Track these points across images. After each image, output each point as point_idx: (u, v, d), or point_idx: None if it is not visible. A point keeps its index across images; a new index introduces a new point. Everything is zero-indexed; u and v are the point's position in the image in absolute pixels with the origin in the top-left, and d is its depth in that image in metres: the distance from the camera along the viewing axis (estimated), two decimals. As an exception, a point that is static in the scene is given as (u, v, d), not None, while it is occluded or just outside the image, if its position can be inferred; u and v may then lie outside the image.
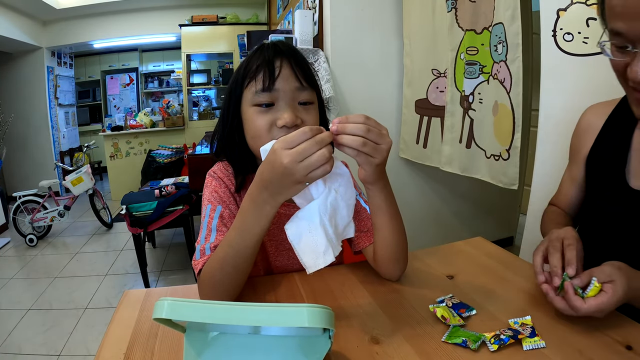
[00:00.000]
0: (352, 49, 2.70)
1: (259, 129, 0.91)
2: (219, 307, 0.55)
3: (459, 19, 2.10)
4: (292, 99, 0.91)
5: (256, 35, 3.08)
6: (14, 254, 4.23)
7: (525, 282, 0.98)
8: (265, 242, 1.08)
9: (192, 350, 0.62)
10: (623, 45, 0.79)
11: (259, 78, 0.89)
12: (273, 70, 0.89)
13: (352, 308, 0.89)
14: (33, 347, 2.56)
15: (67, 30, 6.39)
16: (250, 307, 0.55)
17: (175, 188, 3.32)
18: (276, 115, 0.90)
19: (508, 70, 1.79)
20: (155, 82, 8.48)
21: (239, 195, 1.02)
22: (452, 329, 0.77)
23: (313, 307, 0.55)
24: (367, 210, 1.05)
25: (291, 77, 0.90)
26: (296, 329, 0.63)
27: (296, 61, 0.92)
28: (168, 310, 0.55)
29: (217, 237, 0.92)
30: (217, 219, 0.96)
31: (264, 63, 0.90)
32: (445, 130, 2.31)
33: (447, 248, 1.19)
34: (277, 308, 0.55)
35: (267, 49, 0.92)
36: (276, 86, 0.89)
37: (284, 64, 0.90)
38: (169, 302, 0.55)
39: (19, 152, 6.26)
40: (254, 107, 0.91)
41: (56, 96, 6.73)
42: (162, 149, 5.72)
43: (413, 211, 2.96)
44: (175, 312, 0.55)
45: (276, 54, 0.91)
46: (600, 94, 1.11)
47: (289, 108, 0.89)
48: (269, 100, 0.90)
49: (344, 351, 0.74)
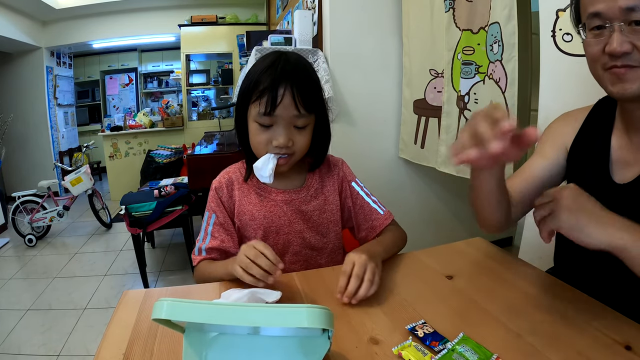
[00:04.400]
0: (351, 49, 2.70)
1: (258, 143, 1.08)
2: (218, 307, 0.55)
3: (456, 18, 2.10)
4: (289, 123, 1.06)
5: (255, 36, 3.08)
6: (13, 254, 4.23)
7: (524, 282, 0.98)
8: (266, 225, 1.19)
9: (192, 351, 0.63)
10: (600, 25, 0.87)
11: (262, 101, 1.02)
12: (276, 97, 1.01)
13: (351, 308, 0.89)
14: (32, 347, 2.56)
15: (67, 31, 6.38)
16: (250, 308, 0.55)
17: (174, 188, 3.32)
18: (273, 135, 1.06)
19: (504, 70, 1.79)
20: (155, 82, 8.48)
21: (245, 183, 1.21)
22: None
23: (312, 307, 0.56)
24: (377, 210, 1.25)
25: (291, 105, 1.03)
26: (295, 329, 0.63)
27: (299, 87, 1.03)
28: (167, 311, 0.55)
29: (211, 241, 1.16)
30: (212, 226, 1.18)
31: (269, 87, 1.02)
32: (442, 130, 2.31)
33: (446, 248, 1.20)
34: (276, 309, 0.55)
35: (276, 70, 1.03)
36: (276, 112, 1.03)
37: (286, 92, 1.02)
38: (168, 302, 0.56)
39: (18, 152, 6.25)
40: (256, 123, 1.07)
41: (55, 96, 6.71)
42: (161, 149, 5.71)
43: (412, 211, 2.96)
44: (175, 313, 0.56)
45: (282, 79, 1.02)
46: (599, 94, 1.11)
47: (284, 132, 1.05)
48: (269, 122, 1.05)
49: (343, 351, 0.74)
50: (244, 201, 1.19)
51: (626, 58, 0.85)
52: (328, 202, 1.23)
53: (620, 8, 0.83)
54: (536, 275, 1.03)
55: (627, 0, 0.81)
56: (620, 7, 0.82)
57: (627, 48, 0.84)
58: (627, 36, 0.84)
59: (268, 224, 1.17)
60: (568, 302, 0.88)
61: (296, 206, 1.19)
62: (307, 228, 1.20)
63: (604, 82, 0.93)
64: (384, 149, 2.89)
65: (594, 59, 0.93)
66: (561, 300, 0.89)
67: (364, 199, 1.24)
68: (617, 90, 0.89)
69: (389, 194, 2.86)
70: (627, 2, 0.81)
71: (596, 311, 0.84)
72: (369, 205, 1.24)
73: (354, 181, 1.27)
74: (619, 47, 0.84)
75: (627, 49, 0.84)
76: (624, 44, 0.83)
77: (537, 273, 1.04)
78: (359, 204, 1.25)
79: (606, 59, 0.88)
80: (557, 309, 0.85)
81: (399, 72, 2.78)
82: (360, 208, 1.24)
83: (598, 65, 0.92)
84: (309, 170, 1.24)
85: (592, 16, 0.88)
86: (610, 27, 0.86)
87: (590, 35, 0.91)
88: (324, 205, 1.22)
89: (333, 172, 1.26)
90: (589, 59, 0.95)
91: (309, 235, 1.20)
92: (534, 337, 0.76)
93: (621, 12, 0.83)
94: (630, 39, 0.84)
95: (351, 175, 1.29)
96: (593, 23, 0.89)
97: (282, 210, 1.18)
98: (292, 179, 1.22)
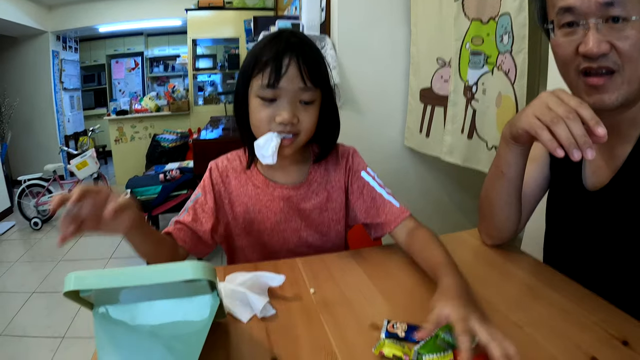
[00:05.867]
0: (359, 36, 2.68)
1: (260, 120, 0.97)
2: (116, 272, 0.58)
3: (465, 8, 2.09)
4: (294, 97, 0.96)
5: (263, 21, 3.07)
6: (19, 237, 4.29)
7: (524, 273, 0.99)
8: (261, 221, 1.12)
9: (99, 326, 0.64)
10: (572, 22, 0.78)
11: (265, 73, 0.93)
12: (280, 67, 0.93)
13: (353, 294, 0.90)
14: (37, 329, 2.60)
15: (73, 15, 6.41)
16: (142, 268, 0.58)
17: (179, 172, 3.34)
18: (277, 111, 0.95)
19: (513, 61, 1.78)
20: (161, 66, 8.49)
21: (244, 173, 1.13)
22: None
23: (196, 262, 0.59)
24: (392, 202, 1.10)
25: (296, 77, 0.94)
26: (187, 292, 0.67)
27: (305, 59, 0.95)
28: (75, 282, 0.58)
29: (185, 217, 1.07)
30: (192, 202, 1.11)
31: (273, 58, 0.93)
32: (448, 120, 2.30)
33: (448, 238, 1.17)
34: (164, 265, 0.59)
35: (280, 41, 0.95)
36: (280, 84, 0.93)
37: (292, 62, 0.93)
38: (75, 274, 0.58)
39: (24, 136, 6.31)
40: (258, 98, 0.97)
41: (61, 80, 6.76)
42: (167, 133, 5.73)
43: (416, 200, 2.95)
44: (81, 283, 0.58)
45: (286, 50, 0.94)
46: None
47: (289, 107, 0.95)
48: (272, 96, 0.95)
49: (344, 337, 0.75)
50: (239, 192, 1.12)
51: (603, 60, 0.76)
52: (331, 199, 1.14)
53: (596, 2, 0.73)
54: (536, 266, 1.03)
55: None
56: (597, 1, 0.73)
57: (605, 49, 0.74)
58: (604, 35, 0.74)
59: (262, 219, 1.11)
60: (567, 295, 0.88)
61: (294, 203, 1.11)
62: (305, 226, 1.13)
63: (579, 92, 0.83)
64: (390, 137, 2.88)
65: (565, 62, 0.83)
66: (560, 292, 0.89)
67: (376, 190, 1.11)
68: (595, 102, 0.79)
69: (394, 183, 2.84)
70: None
71: (594, 305, 0.84)
72: (381, 197, 1.10)
73: (364, 170, 1.15)
74: (595, 47, 0.74)
75: (604, 50, 0.74)
76: (602, 44, 0.74)
77: (537, 264, 1.05)
78: (370, 195, 1.12)
79: (580, 60, 0.79)
80: (557, 302, 0.86)
81: (406, 60, 2.76)
82: (372, 200, 1.11)
83: (571, 69, 0.82)
84: (315, 162, 1.14)
85: (564, 11, 0.79)
86: (585, 24, 0.76)
87: (561, 33, 0.81)
88: (326, 203, 1.13)
89: (340, 165, 1.15)
90: (560, 62, 0.85)
91: (306, 234, 1.14)
92: (533, 329, 0.77)
93: (598, 6, 0.73)
94: (608, 38, 0.74)
95: (362, 165, 1.16)
96: (564, 19, 0.79)
97: (278, 207, 1.10)
98: (293, 172, 1.12)
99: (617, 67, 0.76)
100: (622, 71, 0.76)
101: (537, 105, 0.75)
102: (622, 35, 0.73)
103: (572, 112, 0.69)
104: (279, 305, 0.85)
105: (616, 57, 0.75)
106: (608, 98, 0.78)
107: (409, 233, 1.04)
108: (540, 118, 0.72)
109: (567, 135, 0.68)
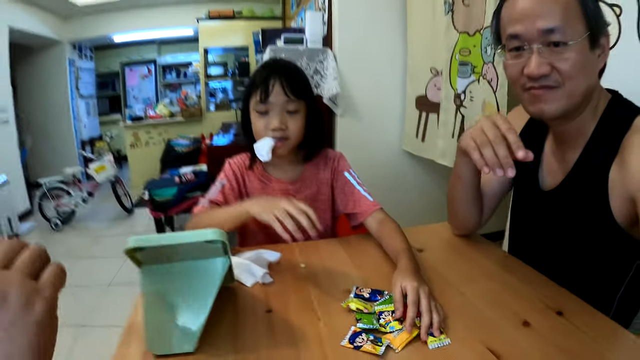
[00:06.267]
0: (359, 48, 2.85)
1: (258, 129, 1.26)
2: (161, 236, 0.79)
3: (455, 21, 2.25)
4: (281, 108, 1.24)
5: (270, 34, 3.24)
6: (40, 237, 4.43)
7: (484, 258, 1.14)
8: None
9: (145, 277, 0.84)
10: (519, 47, 0.89)
11: (258, 92, 1.22)
12: (267, 87, 1.21)
13: (334, 268, 1.11)
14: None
15: (88, 25, 6.59)
16: (177, 234, 0.79)
17: (194, 175, 3.52)
18: (269, 120, 1.24)
19: (495, 71, 1.94)
20: (173, 73, 8.57)
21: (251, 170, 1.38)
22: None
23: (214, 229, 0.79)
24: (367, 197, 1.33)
25: (280, 92, 1.22)
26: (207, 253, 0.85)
27: (287, 78, 1.23)
28: (134, 242, 0.78)
29: (218, 197, 1.30)
30: (219, 186, 1.33)
31: (261, 81, 1.22)
32: (440, 125, 2.47)
33: (425, 228, 1.39)
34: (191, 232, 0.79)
35: (268, 68, 1.26)
36: (269, 99, 1.22)
37: (276, 82, 1.22)
38: (134, 237, 0.78)
39: (42, 141, 6.47)
40: (255, 112, 1.26)
41: (77, 87, 6.93)
42: (181, 138, 5.88)
43: (414, 200, 3.14)
44: (138, 242, 0.78)
45: (272, 73, 1.23)
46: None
47: (278, 116, 1.23)
48: (264, 109, 1.24)
49: (322, 297, 0.96)
50: (250, 186, 1.37)
51: (544, 79, 0.87)
52: (320, 192, 1.39)
53: (538, 30, 0.84)
54: (496, 253, 1.19)
55: (545, 22, 0.83)
56: (539, 29, 0.84)
57: (545, 70, 0.85)
58: (545, 57, 0.85)
59: None
60: (517, 275, 1.02)
61: (291, 195, 1.33)
62: None
63: (524, 102, 0.95)
64: (389, 142, 3.06)
65: (513, 80, 0.94)
66: (512, 273, 1.04)
67: (354, 187, 1.35)
68: (535, 111, 0.93)
69: (394, 184, 3.06)
70: (545, 24, 0.83)
71: (539, 283, 0.98)
72: (359, 193, 1.34)
73: (347, 171, 1.39)
74: (536, 69, 0.85)
75: (544, 71, 0.85)
76: (542, 66, 0.85)
77: (497, 251, 1.21)
78: (350, 191, 1.36)
79: (525, 79, 0.90)
80: (507, 280, 1.00)
81: (403, 70, 2.94)
82: (351, 195, 1.35)
83: (518, 86, 0.94)
84: (305, 162, 1.39)
85: (511, 38, 0.90)
86: (529, 49, 0.87)
87: (510, 56, 0.92)
88: (316, 195, 1.39)
89: (328, 165, 1.40)
90: (509, 79, 0.96)
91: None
92: (477, 298, 0.92)
93: (539, 34, 0.84)
94: (549, 60, 0.85)
95: (346, 166, 1.41)
96: (512, 44, 0.91)
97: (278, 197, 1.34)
98: (290, 171, 1.38)
99: (558, 84, 0.86)
100: (563, 86, 0.86)
101: (475, 128, 0.89)
102: (562, 57, 0.84)
103: (499, 136, 0.84)
104: (276, 275, 1.06)
105: (557, 77, 0.86)
106: (548, 108, 0.89)
107: (379, 223, 1.25)
108: (474, 139, 0.88)
109: (491, 156, 0.84)
